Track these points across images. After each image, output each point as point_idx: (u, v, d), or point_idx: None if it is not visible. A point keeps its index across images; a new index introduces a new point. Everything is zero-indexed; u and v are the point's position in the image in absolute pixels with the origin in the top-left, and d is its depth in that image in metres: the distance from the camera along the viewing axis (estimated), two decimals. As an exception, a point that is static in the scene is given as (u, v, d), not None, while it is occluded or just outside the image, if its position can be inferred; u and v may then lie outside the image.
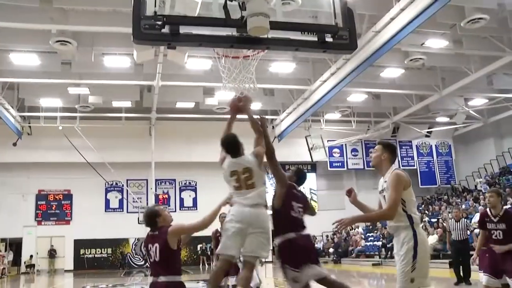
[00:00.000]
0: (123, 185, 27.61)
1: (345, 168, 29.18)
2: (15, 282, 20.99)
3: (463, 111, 24.84)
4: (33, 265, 26.63)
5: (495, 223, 6.02)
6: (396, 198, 3.94)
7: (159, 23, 4.03)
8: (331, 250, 26.84)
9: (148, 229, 4.62)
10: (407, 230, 3.99)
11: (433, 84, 22.04)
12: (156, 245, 4.37)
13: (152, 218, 4.51)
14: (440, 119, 27.71)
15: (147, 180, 27.27)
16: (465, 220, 12.46)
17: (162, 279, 4.33)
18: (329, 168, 29.28)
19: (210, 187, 26.32)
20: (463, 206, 23.04)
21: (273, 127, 26.16)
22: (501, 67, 18.94)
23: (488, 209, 6.26)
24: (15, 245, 27.06)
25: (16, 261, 26.87)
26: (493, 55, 18.34)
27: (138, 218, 25.28)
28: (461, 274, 11.66)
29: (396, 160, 4.21)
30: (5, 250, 26.52)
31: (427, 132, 28.77)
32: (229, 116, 5.19)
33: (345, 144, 28.97)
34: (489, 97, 24.24)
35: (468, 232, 12.48)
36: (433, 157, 30.45)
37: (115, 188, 28.27)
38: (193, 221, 4.56)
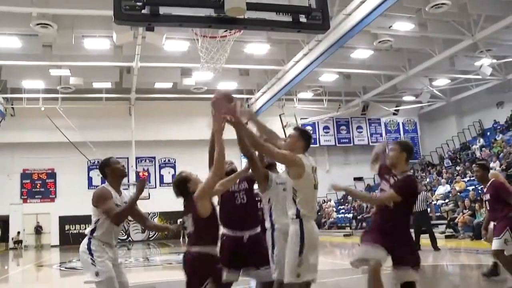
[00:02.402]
0: (104, 163, 28.12)
1: (318, 145, 29.92)
2: (4, 257, 21.54)
3: (427, 90, 26.05)
4: (21, 241, 27.23)
5: None
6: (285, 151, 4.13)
7: (139, 4, 4.11)
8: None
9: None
10: (294, 223, 3.95)
11: (400, 65, 23.07)
12: (190, 215, 4.00)
13: (183, 185, 4.12)
14: (406, 98, 28.90)
15: (128, 158, 27.72)
16: (425, 192, 13.81)
17: (194, 249, 3.98)
18: (302, 145, 30.11)
19: (189, 164, 27.14)
20: (427, 180, 24.51)
21: (248, 105, 26.67)
22: (462, 49, 20.14)
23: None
24: (2, 222, 27.54)
25: (4, 238, 27.47)
26: (455, 38, 19.44)
27: (120, 194, 26.03)
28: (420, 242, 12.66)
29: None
30: (-7, 227, 27.18)
31: (395, 110, 29.86)
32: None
33: (317, 122, 29.85)
34: (451, 77, 25.47)
35: (427, 203, 13.84)
36: (400, 134, 31.71)
37: (97, 166, 28.70)
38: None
